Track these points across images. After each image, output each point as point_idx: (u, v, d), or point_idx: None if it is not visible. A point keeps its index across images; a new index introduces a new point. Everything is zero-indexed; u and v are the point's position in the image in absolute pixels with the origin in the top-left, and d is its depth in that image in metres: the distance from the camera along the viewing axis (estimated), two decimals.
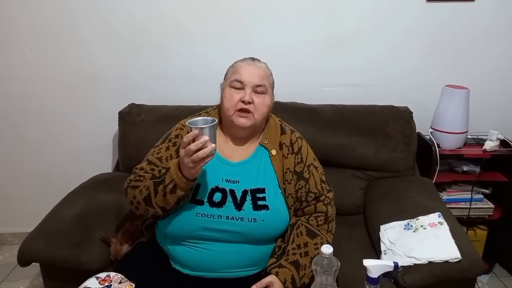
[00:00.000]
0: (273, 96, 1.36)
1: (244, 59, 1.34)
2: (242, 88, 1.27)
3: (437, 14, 1.95)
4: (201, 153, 1.08)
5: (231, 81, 1.29)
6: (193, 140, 1.08)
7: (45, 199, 1.77)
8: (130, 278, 1.20)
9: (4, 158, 2.24)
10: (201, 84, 2.03)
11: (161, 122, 1.84)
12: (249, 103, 1.26)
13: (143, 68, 2.06)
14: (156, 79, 2.07)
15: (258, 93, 1.28)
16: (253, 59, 1.34)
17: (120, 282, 1.18)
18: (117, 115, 1.92)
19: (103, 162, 2.20)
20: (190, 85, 2.06)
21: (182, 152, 1.11)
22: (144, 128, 1.87)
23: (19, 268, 1.45)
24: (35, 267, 1.49)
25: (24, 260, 1.41)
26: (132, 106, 1.97)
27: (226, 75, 1.36)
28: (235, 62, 1.35)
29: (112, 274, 1.20)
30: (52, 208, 1.58)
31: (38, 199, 2.22)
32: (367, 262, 1.04)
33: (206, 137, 1.07)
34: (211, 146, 1.09)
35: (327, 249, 1.01)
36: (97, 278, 1.19)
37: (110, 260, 1.45)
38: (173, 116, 1.83)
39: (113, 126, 1.97)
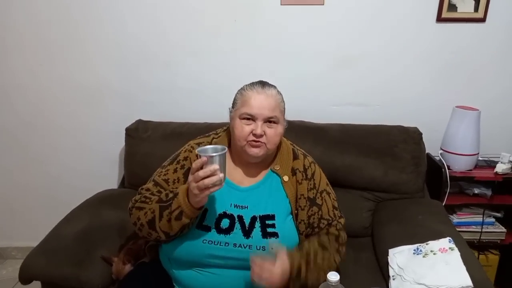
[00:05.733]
0: (285, 123, 1.31)
1: (253, 85, 1.27)
2: (252, 120, 1.24)
3: (447, 35, 1.94)
4: (207, 181, 1.06)
5: (241, 113, 1.24)
6: (202, 167, 1.07)
7: (50, 214, 1.77)
8: None
9: (10, 172, 2.24)
10: (207, 101, 2.03)
11: (167, 138, 1.84)
12: (261, 135, 1.23)
13: (150, 84, 2.07)
14: (163, 96, 2.08)
15: (270, 122, 1.25)
16: (262, 84, 1.27)
17: None
18: (124, 131, 1.92)
19: (109, 178, 2.19)
20: (197, 102, 2.06)
21: (190, 177, 1.10)
22: (151, 144, 1.86)
23: None
24: (38, 283, 1.46)
25: (25, 278, 1.39)
26: (139, 122, 1.97)
27: (234, 102, 1.29)
28: (244, 90, 1.28)
29: None
30: (56, 223, 1.57)
31: (43, 213, 2.22)
32: None
33: (216, 166, 1.06)
34: (219, 175, 1.06)
35: (333, 276, 0.99)
36: None
37: (111, 279, 1.43)
38: (180, 133, 1.83)
39: (120, 142, 1.97)
